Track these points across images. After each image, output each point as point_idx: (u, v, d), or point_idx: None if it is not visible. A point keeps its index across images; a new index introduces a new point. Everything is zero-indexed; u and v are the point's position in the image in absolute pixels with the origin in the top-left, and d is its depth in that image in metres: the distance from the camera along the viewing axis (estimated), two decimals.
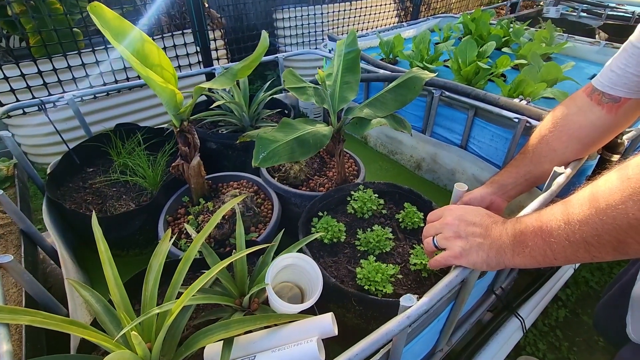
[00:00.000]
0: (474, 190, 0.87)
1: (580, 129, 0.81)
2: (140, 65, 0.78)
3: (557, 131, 0.83)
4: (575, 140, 0.82)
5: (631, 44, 0.69)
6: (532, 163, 0.86)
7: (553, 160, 0.84)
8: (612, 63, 0.74)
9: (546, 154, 0.85)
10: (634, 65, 0.69)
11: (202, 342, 0.64)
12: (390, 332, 0.54)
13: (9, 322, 0.54)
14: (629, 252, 0.47)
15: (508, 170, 0.89)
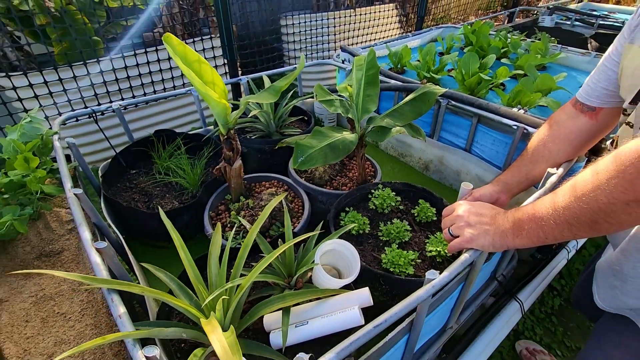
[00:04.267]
0: (482, 188, 1.03)
1: (570, 133, 0.97)
2: (200, 84, 0.94)
3: (551, 136, 0.99)
4: (567, 143, 0.98)
5: (602, 63, 0.86)
6: (531, 163, 1.01)
7: (549, 161, 0.99)
8: (589, 78, 0.91)
9: (543, 155, 1.00)
10: (603, 81, 0.86)
11: (263, 311, 0.80)
12: (420, 298, 0.70)
13: (126, 290, 0.69)
14: (601, 230, 0.63)
15: (511, 171, 1.04)
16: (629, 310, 0.81)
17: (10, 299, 0.94)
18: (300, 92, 1.88)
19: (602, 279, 0.90)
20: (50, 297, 0.95)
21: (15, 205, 1.00)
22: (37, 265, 1.03)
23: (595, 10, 3.82)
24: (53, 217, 1.12)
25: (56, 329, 0.87)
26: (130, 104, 1.46)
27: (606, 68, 0.86)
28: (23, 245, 1.05)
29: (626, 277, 0.78)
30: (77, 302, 0.94)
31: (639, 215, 0.58)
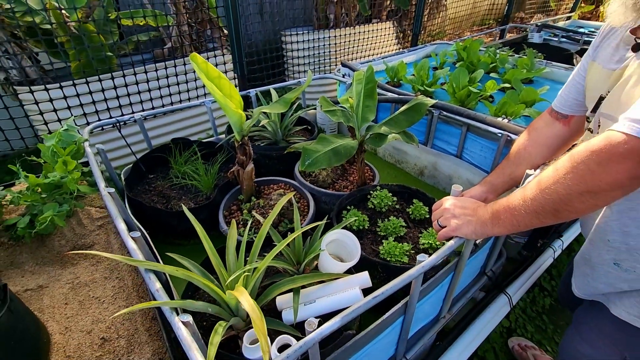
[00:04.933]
0: (472, 189, 1.15)
1: (547, 138, 1.10)
2: (221, 96, 1.08)
3: (531, 140, 1.13)
4: (545, 147, 1.11)
5: (572, 77, 1.00)
6: (514, 165, 1.13)
7: (529, 163, 1.12)
8: (562, 90, 1.05)
9: (524, 158, 1.13)
10: (574, 92, 1.00)
11: (276, 291, 0.92)
12: (411, 276, 0.82)
13: (159, 270, 0.81)
14: (562, 217, 0.75)
15: (497, 173, 1.16)
16: (600, 296, 0.92)
17: (49, 285, 1.05)
18: (304, 104, 2.03)
19: (577, 269, 1.02)
20: (85, 284, 1.07)
21: (54, 203, 1.13)
22: (71, 257, 1.15)
23: (583, 27, 4.02)
24: (84, 214, 1.25)
25: (92, 310, 0.99)
26: (150, 114, 1.60)
27: (575, 82, 1.00)
28: (59, 239, 1.17)
29: (595, 265, 0.90)
30: (110, 287, 1.05)
31: (592, 203, 0.71)
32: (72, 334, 0.93)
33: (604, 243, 0.85)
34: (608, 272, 0.86)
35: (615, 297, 0.87)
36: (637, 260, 0.79)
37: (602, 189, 0.68)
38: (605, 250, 0.85)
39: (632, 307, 0.83)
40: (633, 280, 0.81)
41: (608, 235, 0.84)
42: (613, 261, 0.84)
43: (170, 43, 3.32)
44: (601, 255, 0.88)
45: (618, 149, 0.64)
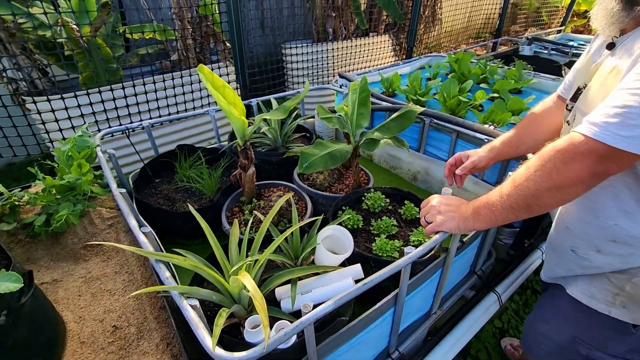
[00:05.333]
0: (479, 151, 1.21)
1: (552, 120, 1.15)
2: (225, 103, 1.17)
3: (538, 120, 1.18)
4: (549, 127, 1.16)
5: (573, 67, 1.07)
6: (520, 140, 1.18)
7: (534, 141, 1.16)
8: (567, 75, 1.12)
9: (534, 131, 1.18)
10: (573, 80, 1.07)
11: (275, 282, 0.99)
12: (399, 265, 0.89)
13: (167, 260, 0.89)
14: (534, 211, 0.83)
15: (504, 143, 1.21)
16: (561, 279, 1.00)
17: (64, 279, 1.13)
18: (302, 113, 2.13)
19: (545, 256, 1.09)
20: (97, 278, 1.14)
21: (68, 202, 1.21)
22: (84, 254, 1.23)
23: (573, 40, 4.16)
24: (96, 214, 1.33)
25: (104, 301, 1.06)
26: (157, 122, 1.69)
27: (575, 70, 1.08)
28: (72, 237, 1.25)
29: (556, 250, 0.98)
30: (120, 281, 1.13)
31: (559, 198, 0.79)
32: (85, 323, 1.00)
33: (564, 230, 0.94)
34: (567, 258, 0.95)
35: (571, 279, 0.96)
36: (591, 248, 0.88)
37: (566, 185, 0.76)
38: (565, 237, 0.94)
39: (584, 287, 0.92)
40: (587, 267, 0.90)
41: (568, 223, 0.92)
42: (571, 248, 0.92)
43: (174, 56, 3.45)
44: (562, 242, 0.97)
45: (579, 149, 0.73)
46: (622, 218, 0.83)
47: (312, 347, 0.83)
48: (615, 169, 0.73)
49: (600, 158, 0.71)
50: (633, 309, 0.87)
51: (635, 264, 0.83)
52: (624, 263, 0.85)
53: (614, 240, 0.85)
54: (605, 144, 0.69)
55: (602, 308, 0.91)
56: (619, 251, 0.85)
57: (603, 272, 0.89)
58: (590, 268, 0.91)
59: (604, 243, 0.87)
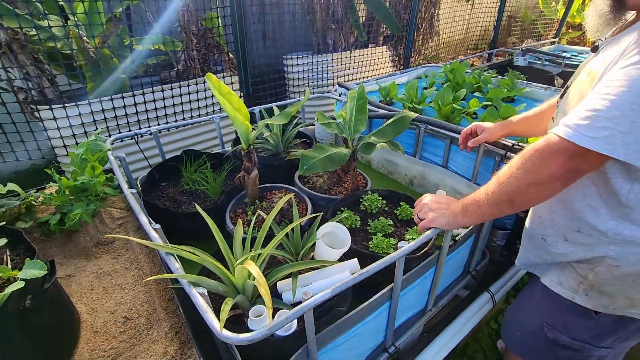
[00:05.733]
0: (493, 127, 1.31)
1: None
2: (231, 109, 1.25)
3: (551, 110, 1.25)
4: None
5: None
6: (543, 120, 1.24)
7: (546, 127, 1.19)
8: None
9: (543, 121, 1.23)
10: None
11: (278, 275, 1.05)
12: (393, 257, 0.96)
13: (177, 253, 0.96)
14: (516, 207, 0.90)
15: (521, 121, 1.29)
16: (534, 267, 1.07)
17: (76, 275, 1.19)
18: (303, 120, 2.21)
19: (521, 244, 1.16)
20: (108, 273, 1.20)
21: (82, 202, 1.28)
22: (95, 251, 1.29)
23: (566, 51, 4.28)
24: (106, 214, 1.40)
25: (115, 294, 1.13)
26: (164, 128, 1.77)
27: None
28: (84, 236, 1.32)
29: (529, 236, 1.06)
30: (130, 276, 1.19)
31: (538, 194, 0.86)
32: (98, 314, 1.06)
33: (537, 218, 1.01)
34: (538, 245, 1.02)
35: (544, 267, 1.03)
36: (559, 236, 0.95)
37: (544, 181, 0.83)
38: (537, 226, 1.02)
39: (554, 276, 0.99)
40: (554, 254, 0.98)
41: (539, 212, 1.00)
42: (541, 235, 1.00)
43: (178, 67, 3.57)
44: (534, 230, 1.04)
45: (554, 148, 0.80)
46: (588, 211, 0.90)
47: (311, 334, 0.89)
48: (587, 167, 0.80)
49: (572, 157, 0.78)
50: (594, 296, 0.95)
51: (597, 254, 0.90)
52: (587, 252, 0.92)
53: (579, 230, 0.93)
54: (575, 144, 0.76)
55: (568, 295, 0.99)
56: (582, 241, 0.92)
57: (569, 261, 0.97)
58: (557, 255, 0.99)
59: (570, 233, 0.95)
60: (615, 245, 0.87)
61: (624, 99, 0.72)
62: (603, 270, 0.91)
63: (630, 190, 0.84)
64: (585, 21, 0.96)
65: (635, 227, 0.85)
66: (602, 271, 0.91)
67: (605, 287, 0.92)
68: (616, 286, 0.91)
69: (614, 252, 0.88)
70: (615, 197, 0.86)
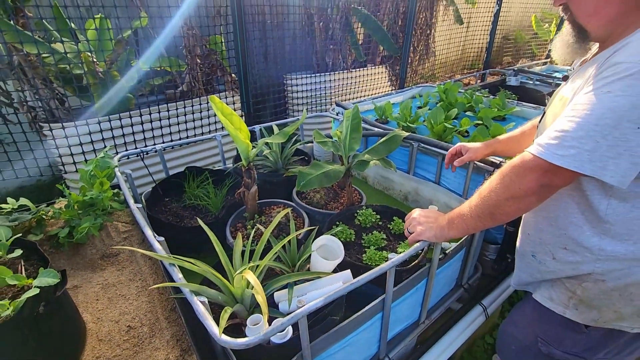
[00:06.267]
0: (477, 147, 1.37)
1: None
2: (233, 129, 1.33)
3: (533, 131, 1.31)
4: None
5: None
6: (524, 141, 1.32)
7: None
8: None
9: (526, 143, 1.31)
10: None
11: (274, 286, 1.11)
12: (383, 268, 1.02)
13: (180, 264, 1.02)
14: (497, 220, 0.96)
15: (503, 144, 1.36)
16: (527, 285, 1.12)
17: (83, 286, 1.25)
18: (302, 138, 2.30)
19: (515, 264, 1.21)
20: (113, 284, 1.26)
21: (89, 216, 1.35)
22: (101, 263, 1.35)
23: (558, 71, 4.42)
24: (112, 228, 1.46)
25: (119, 305, 1.18)
26: (169, 146, 1.86)
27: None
28: (90, 249, 1.38)
29: (520, 255, 1.11)
30: (134, 287, 1.25)
31: (516, 207, 0.92)
32: (102, 323, 1.11)
33: (525, 236, 1.07)
34: (528, 262, 1.07)
35: (536, 285, 1.08)
36: (547, 253, 1.01)
37: (521, 195, 0.90)
38: (526, 243, 1.07)
39: (545, 292, 1.04)
40: (544, 272, 1.02)
41: (527, 230, 1.06)
42: (531, 253, 1.05)
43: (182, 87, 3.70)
44: (524, 248, 1.10)
45: (528, 165, 0.88)
46: (571, 228, 0.96)
47: (305, 341, 0.94)
48: (559, 182, 0.87)
49: (545, 172, 0.85)
50: (583, 310, 0.99)
51: (584, 272, 0.94)
52: (575, 270, 0.96)
53: (565, 247, 0.98)
54: (547, 161, 0.83)
55: (559, 309, 1.03)
56: (570, 259, 0.96)
57: (559, 278, 1.01)
58: (547, 273, 1.03)
59: (557, 250, 0.99)
60: (601, 262, 0.91)
61: (588, 121, 0.80)
62: (590, 286, 0.94)
63: (608, 206, 0.89)
64: (553, 50, 1.04)
65: (616, 242, 0.89)
66: (590, 286, 0.95)
67: (594, 301, 0.96)
68: (604, 300, 0.94)
69: (600, 269, 0.91)
70: (595, 214, 0.91)
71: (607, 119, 0.78)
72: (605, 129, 0.78)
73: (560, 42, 1.00)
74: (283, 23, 4.17)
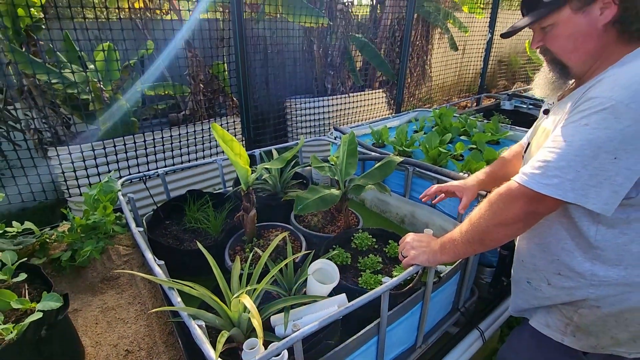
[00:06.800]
0: (468, 182, 1.39)
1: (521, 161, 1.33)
2: (232, 154, 1.39)
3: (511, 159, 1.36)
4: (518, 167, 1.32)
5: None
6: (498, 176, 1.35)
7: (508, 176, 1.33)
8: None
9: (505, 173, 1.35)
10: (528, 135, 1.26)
11: (271, 309, 1.13)
12: (377, 292, 1.04)
13: (179, 288, 1.04)
14: (487, 245, 1.00)
15: (489, 175, 1.38)
16: (524, 312, 1.13)
17: (82, 309, 1.27)
18: (300, 162, 2.36)
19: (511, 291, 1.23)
20: (112, 308, 1.28)
21: (92, 240, 1.38)
22: (101, 287, 1.37)
23: None
24: (113, 251, 1.49)
25: (118, 328, 1.20)
26: (171, 170, 1.91)
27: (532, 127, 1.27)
28: (92, 272, 1.41)
29: (516, 282, 1.13)
30: (133, 311, 1.27)
31: (504, 233, 0.96)
32: (101, 347, 1.12)
33: (520, 263, 1.09)
34: (524, 289, 1.09)
35: (533, 311, 1.09)
36: (542, 279, 1.03)
37: (508, 222, 0.94)
38: (521, 270, 1.09)
39: (542, 318, 1.05)
40: (540, 298, 1.04)
41: (521, 257, 1.08)
42: (526, 279, 1.07)
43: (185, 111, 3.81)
44: (519, 275, 1.12)
45: (514, 193, 0.92)
46: (563, 254, 0.98)
47: None
48: (544, 210, 0.91)
49: (530, 200, 0.90)
50: (581, 337, 1.00)
51: (579, 297, 0.96)
52: (570, 296, 0.98)
53: (559, 273, 1.00)
54: (532, 190, 0.88)
55: (556, 336, 1.04)
56: (564, 284, 0.99)
57: (555, 304, 1.03)
58: (543, 299, 1.05)
59: (552, 276, 1.02)
60: (595, 288, 0.93)
61: (568, 152, 0.85)
62: (586, 312, 0.96)
63: (597, 232, 0.92)
64: (535, 87, 1.10)
65: (608, 268, 0.92)
66: (586, 312, 0.96)
67: (591, 327, 0.97)
68: (600, 326, 0.96)
69: (594, 295, 0.93)
70: (585, 240, 0.94)
71: (586, 150, 0.83)
72: (585, 159, 0.82)
73: (543, 79, 1.07)
74: (284, 51, 4.32)
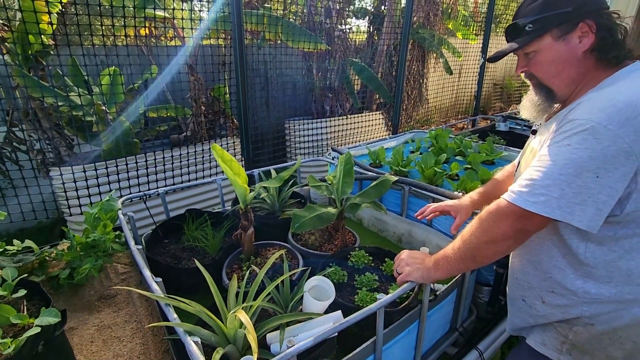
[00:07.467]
0: (462, 202, 1.40)
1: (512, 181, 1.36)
2: (231, 174, 1.43)
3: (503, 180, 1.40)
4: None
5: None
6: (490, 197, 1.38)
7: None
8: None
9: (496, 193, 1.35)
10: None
11: (267, 326, 1.13)
12: (372, 309, 1.05)
13: (175, 305, 1.05)
14: (479, 262, 1.02)
15: (483, 195, 1.41)
16: (521, 330, 1.14)
17: (79, 327, 1.27)
18: (299, 181, 2.40)
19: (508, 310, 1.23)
20: (108, 326, 1.28)
21: (91, 258, 1.40)
22: (98, 305, 1.38)
23: None
24: (111, 269, 1.50)
25: (114, 347, 1.19)
26: (171, 189, 1.94)
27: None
28: (89, 290, 1.41)
29: (512, 300, 1.14)
30: (129, 329, 1.27)
31: (494, 250, 0.98)
32: None
33: (514, 281, 1.10)
34: (519, 307, 1.10)
35: (529, 330, 1.09)
36: (536, 297, 1.04)
37: (498, 239, 0.96)
38: (516, 288, 1.10)
39: (537, 336, 1.05)
40: (535, 315, 1.05)
41: (515, 274, 1.09)
42: (521, 297, 1.08)
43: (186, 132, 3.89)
44: (514, 293, 1.13)
45: (503, 210, 0.95)
46: (555, 272, 1.00)
47: None
48: (532, 227, 0.94)
49: (519, 217, 0.92)
50: (576, 355, 1.00)
51: (573, 315, 0.97)
52: (564, 314, 0.99)
53: (552, 291, 1.01)
54: (520, 207, 0.91)
55: (552, 355, 1.04)
56: (558, 302, 1.00)
57: (550, 322, 1.04)
58: (538, 317, 1.06)
59: (546, 294, 1.03)
60: (588, 306, 0.95)
61: (553, 170, 0.89)
62: (581, 330, 0.97)
63: (586, 250, 0.95)
64: (522, 110, 1.15)
65: (599, 285, 0.93)
66: (580, 330, 0.97)
67: (586, 345, 0.97)
68: (595, 345, 0.96)
69: (587, 312, 0.95)
70: (575, 257, 0.96)
71: (569, 169, 0.86)
72: (569, 178, 0.86)
73: (529, 102, 1.12)
74: (284, 74, 4.45)
